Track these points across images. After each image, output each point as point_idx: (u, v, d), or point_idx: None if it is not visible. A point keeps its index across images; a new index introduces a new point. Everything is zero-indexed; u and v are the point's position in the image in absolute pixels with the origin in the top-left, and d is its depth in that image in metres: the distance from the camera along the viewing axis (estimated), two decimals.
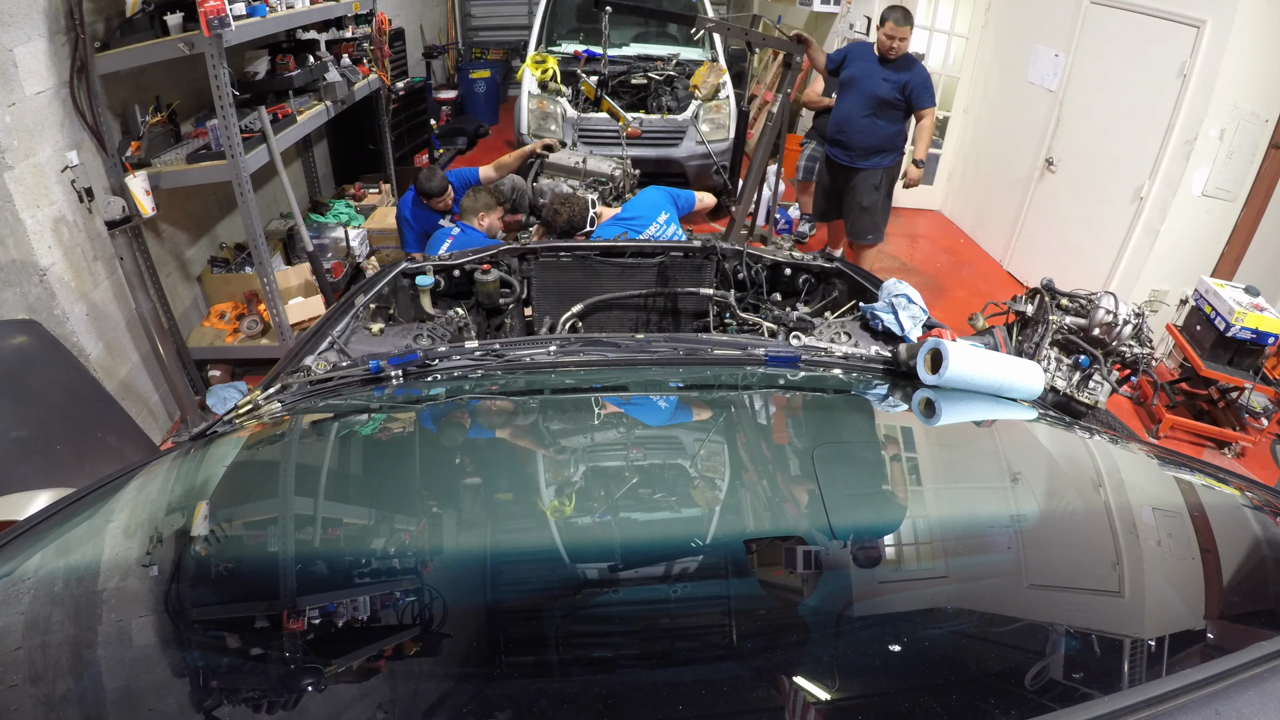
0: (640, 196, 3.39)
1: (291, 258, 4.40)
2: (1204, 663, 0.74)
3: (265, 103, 3.56)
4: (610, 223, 3.23)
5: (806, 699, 0.76)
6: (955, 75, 6.20)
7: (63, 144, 2.71)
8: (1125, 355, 1.96)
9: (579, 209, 3.32)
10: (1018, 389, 1.56)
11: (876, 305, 2.05)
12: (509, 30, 10.01)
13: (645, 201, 3.31)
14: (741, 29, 4.77)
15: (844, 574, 0.99)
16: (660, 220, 3.21)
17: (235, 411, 1.52)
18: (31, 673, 0.79)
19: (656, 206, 3.27)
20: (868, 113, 4.12)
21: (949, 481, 1.35)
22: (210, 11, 2.72)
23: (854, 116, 4.16)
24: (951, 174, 6.46)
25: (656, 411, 1.55)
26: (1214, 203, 4.11)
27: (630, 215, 3.24)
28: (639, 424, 1.49)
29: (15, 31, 2.46)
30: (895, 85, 4.02)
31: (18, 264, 2.54)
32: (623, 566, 0.98)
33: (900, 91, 4.02)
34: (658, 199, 3.32)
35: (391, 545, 1.04)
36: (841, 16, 6.89)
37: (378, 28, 4.81)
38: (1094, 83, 4.70)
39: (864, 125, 4.15)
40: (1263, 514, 1.16)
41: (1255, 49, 3.76)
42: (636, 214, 3.23)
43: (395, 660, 0.81)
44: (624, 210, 3.31)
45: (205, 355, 3.66)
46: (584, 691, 0.77)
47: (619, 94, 5.56)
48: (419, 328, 2.17)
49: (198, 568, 1.00)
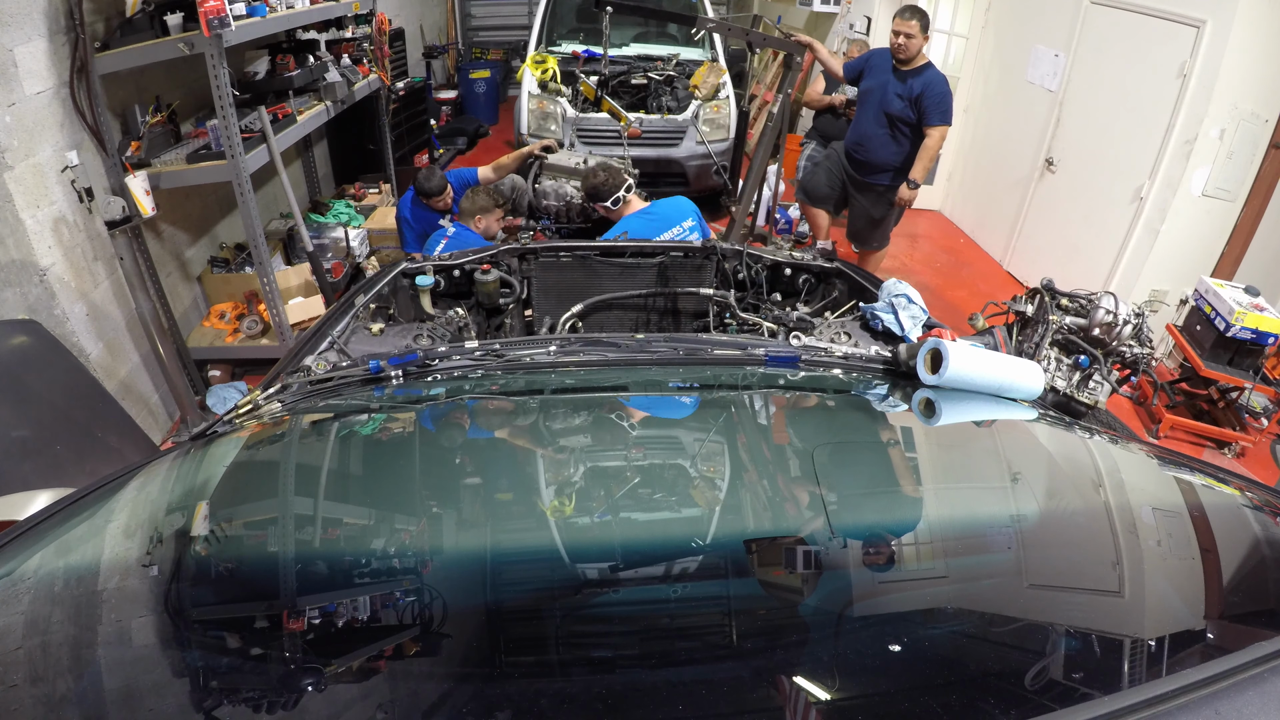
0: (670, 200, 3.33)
1: (291, 258, 4.40)
2: (1204, 663, 0.74)
3: (265, 103, 3.56)
4: (635, 215, 3.19)
5: (806, 699, 0.76)
6: (955, 75, 6.18)
7: (63, 144, 2.71)
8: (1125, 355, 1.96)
9: (613, 182, 3.22)
10: (1018, 389, 1.56)
11: (876, 305, 2.05)
12: (509, 30, 10.01)
13: (674, 205, 3.25)
14: (742, 29, 4.77)
15: (844, 574, 0.99)
16: (685, 225, 3.16)
17: (235, 411, 1.52)
18: (31, 673, 0.79)
19: (684, 213, 3.20)
20: (882, 129, 4.00)
21: (949, 482, 1.35)
22: (210, 11, 2.72)
23: (869, 133, 4.06)
24: (951, 174, 6.46)
25: (656, 411, 1.55)
26: (1214, 203, 4.11)
27: (655, 212, 3.18)
28: (639, 424, 1.49)
29: (15, 31, 2.46)
30: (907, 100, 3.86)
31: (18, 264, 2.54)
32: (623, 566, 0.98)
33: (912, 107, 3.86)
34: (687, 208, 3.25)
35: (391, 545, 1.04)
36: (841, 16, 6.89)
37: (378, 28, 4.81)
38: (1094, 83, 4.70)
39: (879, 142, 4.05)
40: (1263, 514, 1.16)
41: (1255, 49, 3.76)
42: (662, 213, 3.17)
43: (395, 660, 0.81)
44: (651, 206, 3.26)
45: (205, 355, 3.66)
46: (584, 691, 0.77)
47: (619, 94, 5.55)
48: (419, 328, 2.17)
49: (198, 568, 1.00)
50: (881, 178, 4.19)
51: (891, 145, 4.04)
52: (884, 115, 3.96)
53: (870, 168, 4.19)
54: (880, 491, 1.24)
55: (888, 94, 3.92)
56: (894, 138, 4.01)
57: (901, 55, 3.85)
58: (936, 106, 3.83)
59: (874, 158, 4.13)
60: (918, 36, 3.77)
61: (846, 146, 4.32)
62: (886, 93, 3.93)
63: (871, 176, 4.22)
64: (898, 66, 3.90)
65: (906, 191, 4.06)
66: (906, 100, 3.87)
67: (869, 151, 4.13)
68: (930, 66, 3.89)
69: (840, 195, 4.51)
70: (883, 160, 4.11)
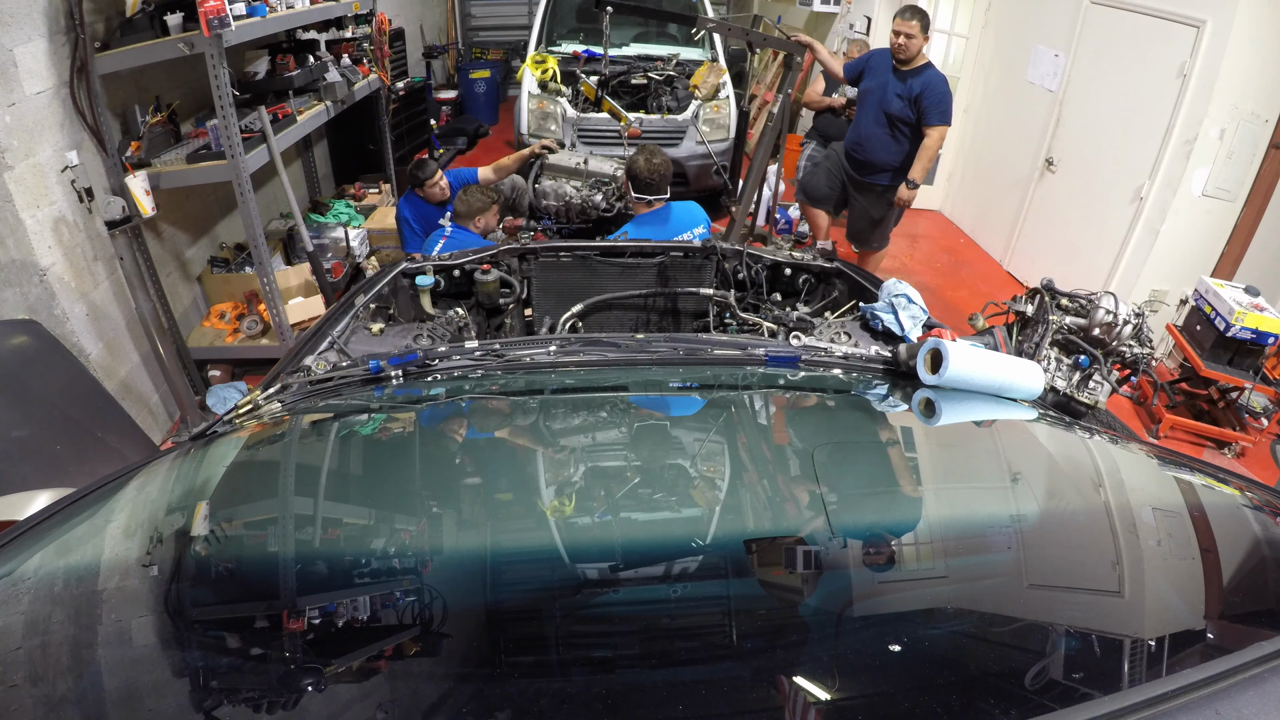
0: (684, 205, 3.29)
1: (291, 258, 4.40)
2: (1204, 663, 0.74)
3: (265, 103, 3.56)
4: (645, 217, 3.18)
5: (806, 699, 0.76)
6: (955, 75, 6.18)
7: (63, 144, 2.71)
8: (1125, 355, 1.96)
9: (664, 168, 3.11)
10: (1018, 389, 1.56)
11: (876, 305, 2.05)
12: (509, 30, 10.01)
13: (687, 211, 3.24)
14: (742, 29, 4.76)
15: (844, 574, 0.99)
16: (696, 233, 3.16)
17: (235, 411, 1.52)
18: (31, 673, 0.79)
19: (695, 221, 3.21)
20: (882, 129, 4.01)
21: (949, 482, 1.35)
22: (210, 11, 2.72)
23: (869, 133, 4.07)
24: (951, 174, 6.46)
25: (656, 411, 1.55)
26: (1214, 203, 4.11)
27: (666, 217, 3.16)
28: (639, 424, 1.49)
29: (15, 31, 2.46)
30: (907, 101, 3.87)
31: (18, 264, 2.54)
32: (623, 566, 0.98)
33: (912, 107, 3.86)
34: (699, 215, 3.24)
35: (391, 545, 1.04)
36: (841, 16, 6.89)
37: (378, 28, 4.81)
38: (1094, 83, 4.70)
39: (879, 142, 4.05)
40: (1263, 514, 1.16)
41: (1255, 49, 3.76)
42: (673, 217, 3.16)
43: (395, 660, 0.81)
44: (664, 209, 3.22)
45: (205, 355, 3.66)
46: (584, 691, 0.77)
47: (619, 94, 5.55)
48: (419, 328, 2.17)
49: (198, 568, 1.00)
50: (881, 178, 4.20)
51: (891, 145, 4.05)
52: (883, 115, 3.97)
53: (870, 168, 4.20)
54: (880, 491, 1.24)
55: (887, 94, 3.93)
56: (893, 138, 4.02)
57: (901, 55, 3.86)
58: (936, 106, 3.84)
59: (873, 157, 4.14)
60: (918, 37, 3.78)
61: (846, 147, 4.33)
62: (886, 93, 3.94)
63: (871, 176, 4.23)
64: (898, 66, 3.91)
65: (905, 191, 4.06)
66: (906, 100, 3.88)
67: (868, 151, 4.14)
68: (930, 67, 3.90)
69: (840, 195, 4.52)
70: (882, 160, 4.12)
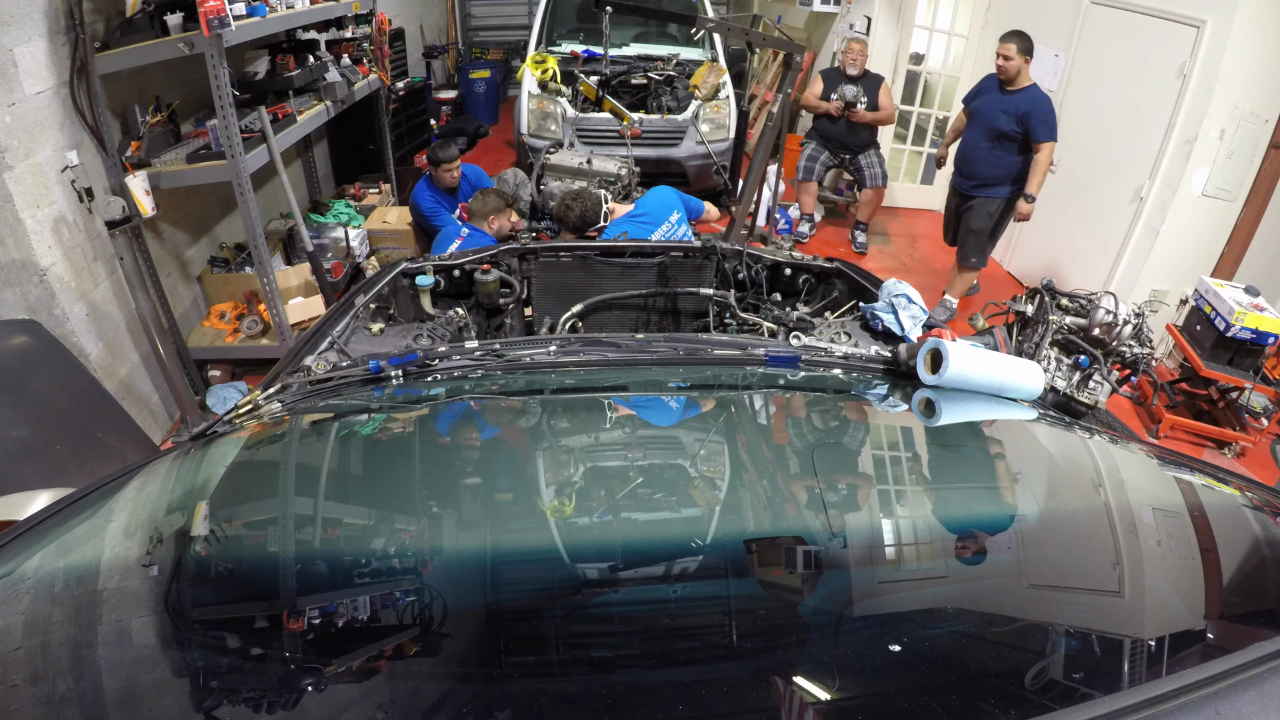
0: (652, 194, 3.33)
1: (291, 258, 4.40)
2: (1204, 663, 0.74)
3: (265, 103, 3.56)
4: (623, 220, 3.19)
5: (806, 699, 0.76)
6: (955, 75, 6.19)
7: (63, 144, 2.71)
8: (1125, 355, 1.96)
9: (592, 205, 3.26)
10: (1018, 389, 1.56)
11: (876, 305, 2.05)
12: (509, 30, 10.00)
13: (657, 200, 3.26)
14: (742, 29, 4.76)
15: (844, 574, 0.99)
16: (672, 220, 3.18)
17: (235, 411, 1.52)
18: (31, 673, 0.79)
19: (668, 206, 3.23)
20: (987, 144, 4.24)
21: (949, 481, 1.35)
22: (210, 11, 2.72)
23: (975, 147, 4.31)
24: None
25: (656, 411, 1.55)
26: (1214, 203, 4.11)
27: (642, 212, 3.19)
28: (639, 424, 1.49)
29: (15, 31, 2.46)
30: (1013, 117, 4.09)
31: (18, 264, 2.53)
32: (623, 566, 0.98)
33: (1018, 124, 4.08)
34: (669, 199, 3.28)
35: (391, 545, 1.04)
36: (841, 16, 6.88)
37: (378, 28, 4.81)
38: (1094, 83, 4.70)
39: (984, 156, 4.28)
40: (1263, 514, 1.16)
41: (1255, 49, 3.76)
42: (648, 210, 3.18)
43: (395, 660, 0.81)
44: (636, 207, 3.27)
45: (205, 355, 3.66)
46: (584, 691, 0.77)
47: (619, 94, 5.55)
48: (419, 328, 2.16)
49: (198, 568, 0.99)
50: (981, 189, 4.41)
51: (993, 160, 4.28)
52: (989, 130, 4.22)
53: (975, 180, 4.42)
54: (880, 492, 1.24)
55: (994, 110, 4.19)
56: (997, 153, 4.25)
57: (1003, 76, 4.14)
58: (1044, 123, 4.06)
59: (976, 170, 4.38)
60: (1015, 58, 4.03)
61: (955, 160, 4.60)
62: (993, 110, 4.20)
63: (974, 189, 4.45)
64: (1003, 86, 4.18)
65: (1024, 206, 4.26)
66: (1012, 117, 4.11)
67: (973, 165, 4.39)
68: (1034, 87, 4.15)
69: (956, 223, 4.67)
70: (983, 174, 4.36)
